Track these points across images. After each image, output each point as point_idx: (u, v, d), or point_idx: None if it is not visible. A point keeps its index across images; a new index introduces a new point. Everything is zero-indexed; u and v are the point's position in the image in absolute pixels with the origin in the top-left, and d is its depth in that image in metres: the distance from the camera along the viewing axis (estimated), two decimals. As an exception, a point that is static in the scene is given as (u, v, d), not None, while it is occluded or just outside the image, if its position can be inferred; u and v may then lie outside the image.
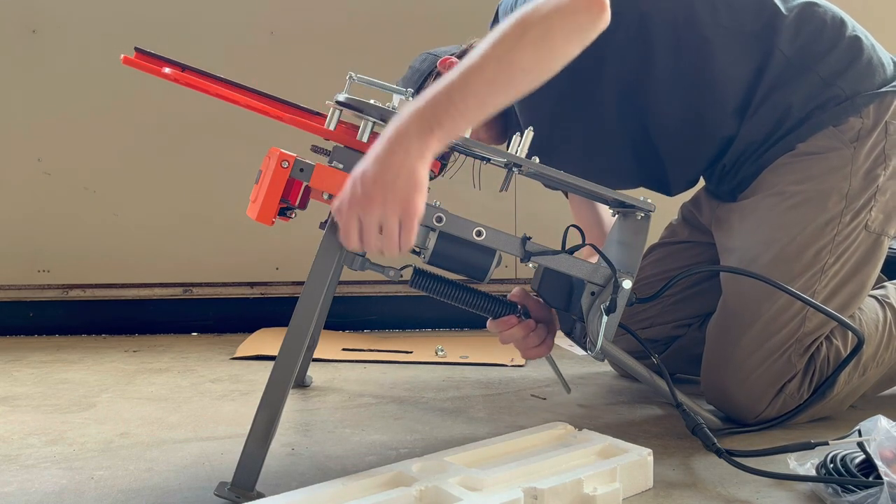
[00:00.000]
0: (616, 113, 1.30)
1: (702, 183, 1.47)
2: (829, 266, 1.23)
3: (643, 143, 1.32)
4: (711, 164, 1.34)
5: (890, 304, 1.31)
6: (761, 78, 1.26)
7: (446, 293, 1.14)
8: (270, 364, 0.93)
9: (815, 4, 1.29)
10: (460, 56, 1.42)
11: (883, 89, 1.26)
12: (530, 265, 1.09)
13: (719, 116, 1.28)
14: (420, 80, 1.42)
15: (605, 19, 1.00)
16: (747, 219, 1.28)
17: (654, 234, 1.54)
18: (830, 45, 1.27)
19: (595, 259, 1.09)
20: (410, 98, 1.05)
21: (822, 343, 1.23)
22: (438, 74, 1.41)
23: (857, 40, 1.28)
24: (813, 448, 1.00)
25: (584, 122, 1.32)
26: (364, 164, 0.90)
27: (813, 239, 1.23)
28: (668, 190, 1.40)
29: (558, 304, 1.15)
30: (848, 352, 1.22)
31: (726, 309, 1.27)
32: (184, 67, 1.06)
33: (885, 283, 1.37)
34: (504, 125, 1.41)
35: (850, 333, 1.22)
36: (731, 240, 1.31)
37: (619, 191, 1.12)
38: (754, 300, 1.22)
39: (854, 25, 1.31)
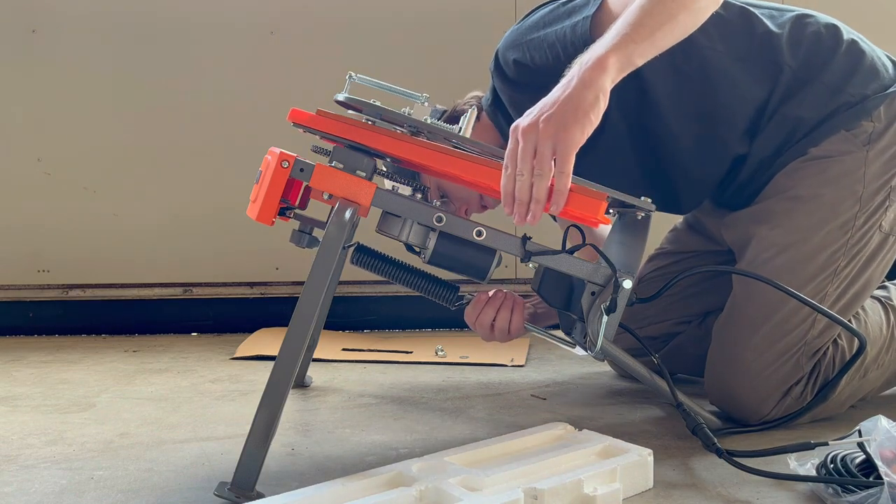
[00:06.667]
0: (626, 132, 1.27)
1: None
2: (842, 269, 1.22)
3: (654, 166, 1.31)
4: (722, 182, 1.33)
5: (893, 307, 1.31)
6: (771, 95, 1.25)
7: (388, 272, 1.17)
8: (270, 364, 0.93)
9: (805, 16, 1.28)
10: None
11: (891, 90, 1.25)
12: (530, 265, 1.09)
13: (731, 138, 1.26)
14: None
15: None
16: (762, 222, 1.27)
17: (658, 237, 1.53)
18: (831, 52, 1.25)
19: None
20: (426, 104, 1.04)
21: (828, 346, 1.22)
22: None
23: (854, 44, 1.27)
24: (813, 448, 1.00)
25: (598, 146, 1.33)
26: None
27: (827, 242, 1.22)
28: (680, 208, 1.40)
29: (558, 304, 1.15)
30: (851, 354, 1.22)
31: (736, 309, 1.26)
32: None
33: (887, 284, 1.37)
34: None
35: (854, 336, 1.22)
36: (745, 240, 1.29)
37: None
38: (766, 302, 1.21)
39: (847, 29, 1.30)
